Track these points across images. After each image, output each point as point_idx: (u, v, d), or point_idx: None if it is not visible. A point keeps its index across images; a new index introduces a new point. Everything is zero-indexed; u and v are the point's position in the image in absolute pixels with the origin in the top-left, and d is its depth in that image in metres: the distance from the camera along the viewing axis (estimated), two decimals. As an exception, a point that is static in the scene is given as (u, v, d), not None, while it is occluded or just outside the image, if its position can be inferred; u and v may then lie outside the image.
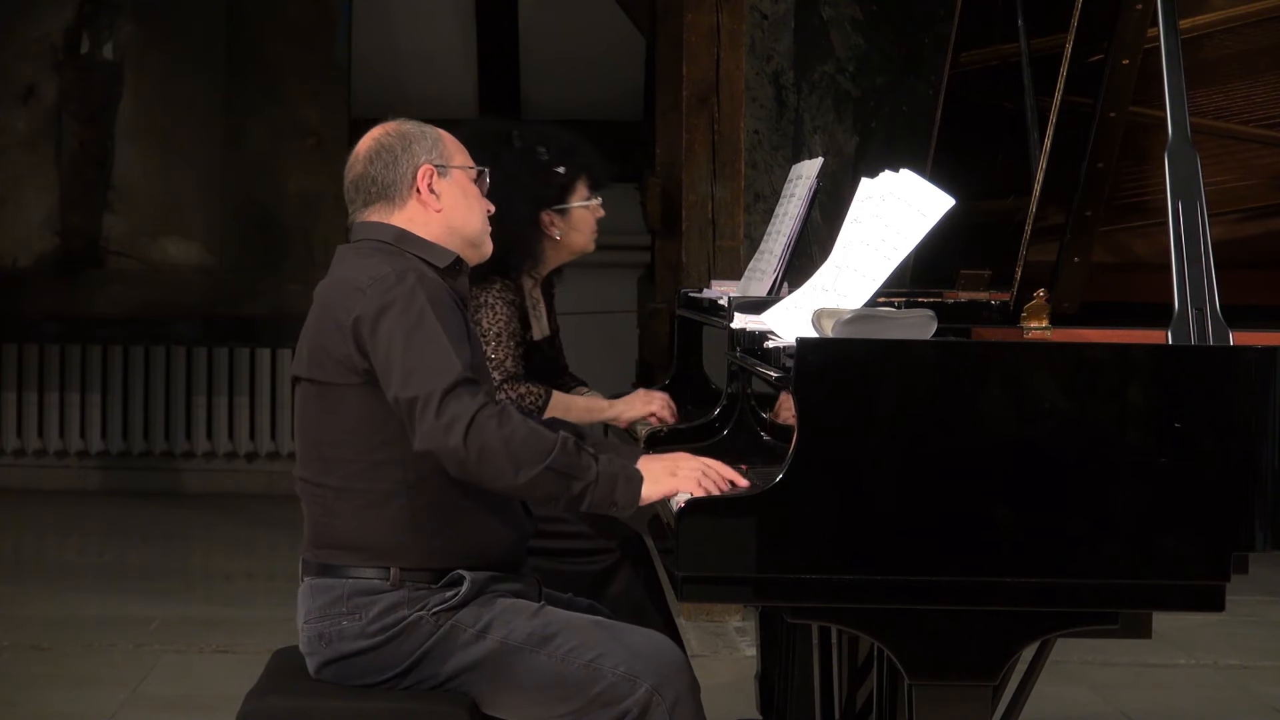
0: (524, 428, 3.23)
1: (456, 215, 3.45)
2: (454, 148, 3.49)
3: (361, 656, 3.34)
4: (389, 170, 3.42)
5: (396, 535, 3.33)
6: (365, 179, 3.44)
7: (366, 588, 3.33)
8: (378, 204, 3.44)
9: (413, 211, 3.43)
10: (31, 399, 10.00)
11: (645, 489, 3.26)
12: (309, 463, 3.40)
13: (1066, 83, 3.51)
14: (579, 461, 3.24)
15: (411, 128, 3.47)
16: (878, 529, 3.02)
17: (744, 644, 6.47)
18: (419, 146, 3.43)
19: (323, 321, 3.37)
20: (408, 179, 3.42)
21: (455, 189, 3.45)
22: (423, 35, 10.69)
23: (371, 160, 3.44)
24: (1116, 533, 3.04)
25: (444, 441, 3.21)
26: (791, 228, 4.05)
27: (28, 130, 10.11)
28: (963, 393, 3.05)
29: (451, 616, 3.32)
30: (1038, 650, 3.56)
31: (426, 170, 3.42)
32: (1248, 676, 6.21)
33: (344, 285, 3.36)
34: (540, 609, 3.37)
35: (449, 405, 3.20)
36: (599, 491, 3.24)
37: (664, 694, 3.27)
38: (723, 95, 6.94)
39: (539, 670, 3.30)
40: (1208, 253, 3.19)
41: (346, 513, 3.35)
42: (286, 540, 8.21)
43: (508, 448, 3.20)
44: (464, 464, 3.22)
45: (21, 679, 5.87)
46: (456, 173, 3.46)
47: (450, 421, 3.20)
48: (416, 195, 3.43)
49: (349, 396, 3.33)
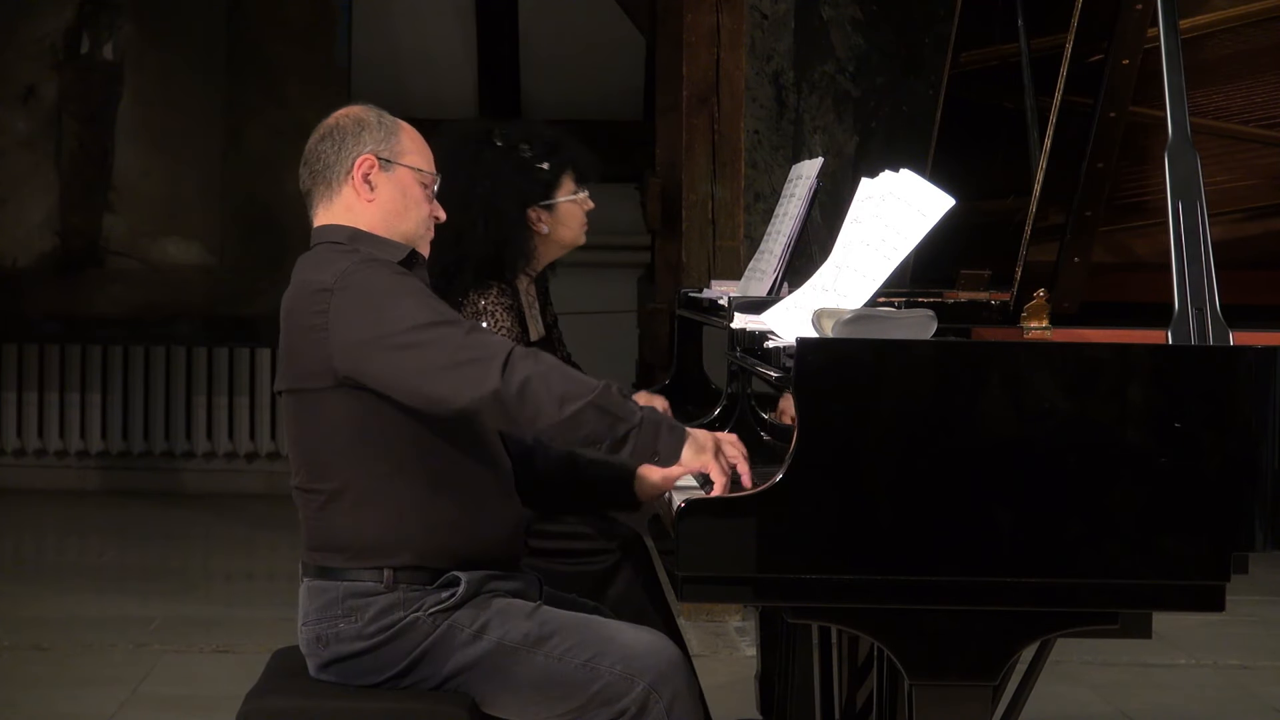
0: (560, 366, 3.22)
1: (391, 210, 3.42)
2: (412, 146, 3.46)
3: (360, 658, 3.34)
4: (334, 151, 3.43)
5: (388, 536, 3.32)
6: (313, 155, 3.45)
7: (362, 590, 3.33)
8: (318, 189, 3.45)
9: (348, 199, 3.43)
10: (31, 399, 10.00)
11: (686, 450, 3.24)
12: (299, 470, 3.41)
13: (1066, 83, 3.50)
14: (624, 404, 3.21)
15: (371, 116, 3.46)
16: (878, 529, 3.02)
17: (744, 644, 6.47)
18: (369, 135, 3.43)
19: (290, 329, 3.39)
20: (346, 165, 3.42)
21: (394, 185, 3.43)
22: (423, 35, 10.69)
23: (323, 138, 3.45)
24: (1116, 533, 3.04)
25: (482, 383, 3.17)
26: (791, 228, 4.05)
27: (28, 130, 10.11)
28: (963, 393, 3.05)
29: (448, 617, 3.32)
30: (1038, 650, 3.56)
31: (366, 159, 3.41)
32: (1248, 676, 6.21)
33: (304, 288, 3.37)
34: (537, 609, 3.37)
35: (474, 348, 3.19)
36: (643, 436, 3.21)
37: (661, 692, 3.27)
38: (723, 95, 6.94)
39: (536, 670, 3.30)
40: (1208, 253, 3.19)
41: (339, 516, 3.35)
42: (286, 540, 8.21)
43: (548, 381, 3.17)
44: (505, 404, 3.17)
45: (21, 679, 5.87)
46: (403, 170, 3.43)
47: (483, 362, 3.17)
48: (350, 182, 3.42)
49: (327, 401, 3.32)
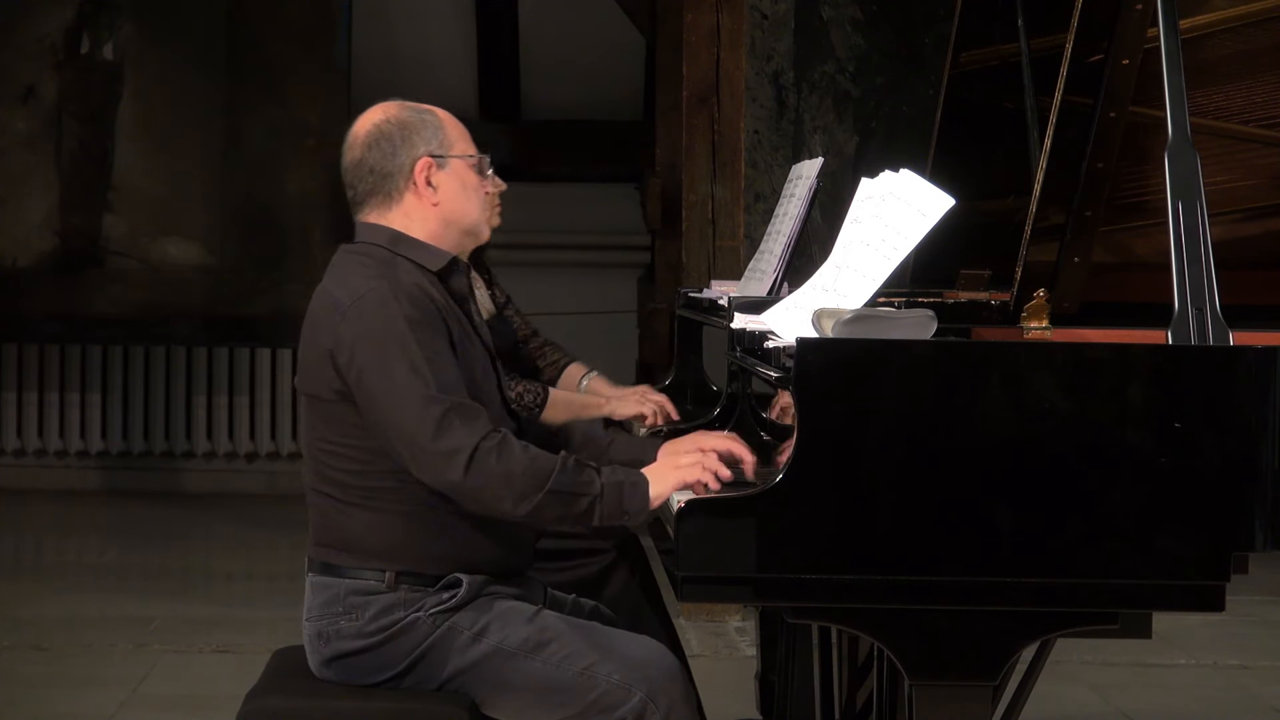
0: (523, 458, 3.20)
1: (454, 208, 3.41)
2: (455, 134, 3.44)
3: (360, 655, 3.34)
4: (387, 161, 3.38)
5: (393, 539, 3.33)
6: (362, 167, 3.40)
7: (363, 588, 3.33)
8: (375, 198, 3.40)
9: (409, 205, 3.39)
10: (31, 399, 10.00)
11: (653, 490, 3.23)
12: (311, 468, 3.41)
13: (1066, 83, 3.50)
14: (580, 478, 3.21)
15: (411, 115, 3.42)
16: (878, 529, 3.02)
17: (744, 644, 6.47)
18: (418, 137, 3.39)
19: (309, 338, 3.37)
20: (405, 171, 3.38)
21: (453, 180, 3.41)
22: (423, 35, 10.69)
23: (369, 147, 3.39)
24: (1116, 533, 3.04)
25: (444, 474, 3.20)
26: (791, 228, 4.05)
27: (28, 130, 10.11)
28: (963, 393, 3.05)
29: (449, 618, 3.32)
30: (1038, 650, 3.56)
31: (425, 163, 3.38)
32: (1248, 676, 6.21)
33: (328, 301, 3.34)
34: (538, 613, 3.36)
35: (445, 438, 3.19)
36: (606, 504, 3.21)
37: (658, 702, 3.27)
38: (723, 95, 6.94)
39: (533, 676, 3.30)
40: (1208, 253, 3.19)
41: (345, 516, 3.35)
42: (286, 540, 8.21)
43: (509, 481, 3.18)
44: (464, 495, 3.22)
45: (21, 679, 5.87)
46: (455, 162, 3.41)
47: (450, 453, 3.18)
48: (413, 188, 3.38)
49: (338, 410, 3.32)
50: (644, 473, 3.25)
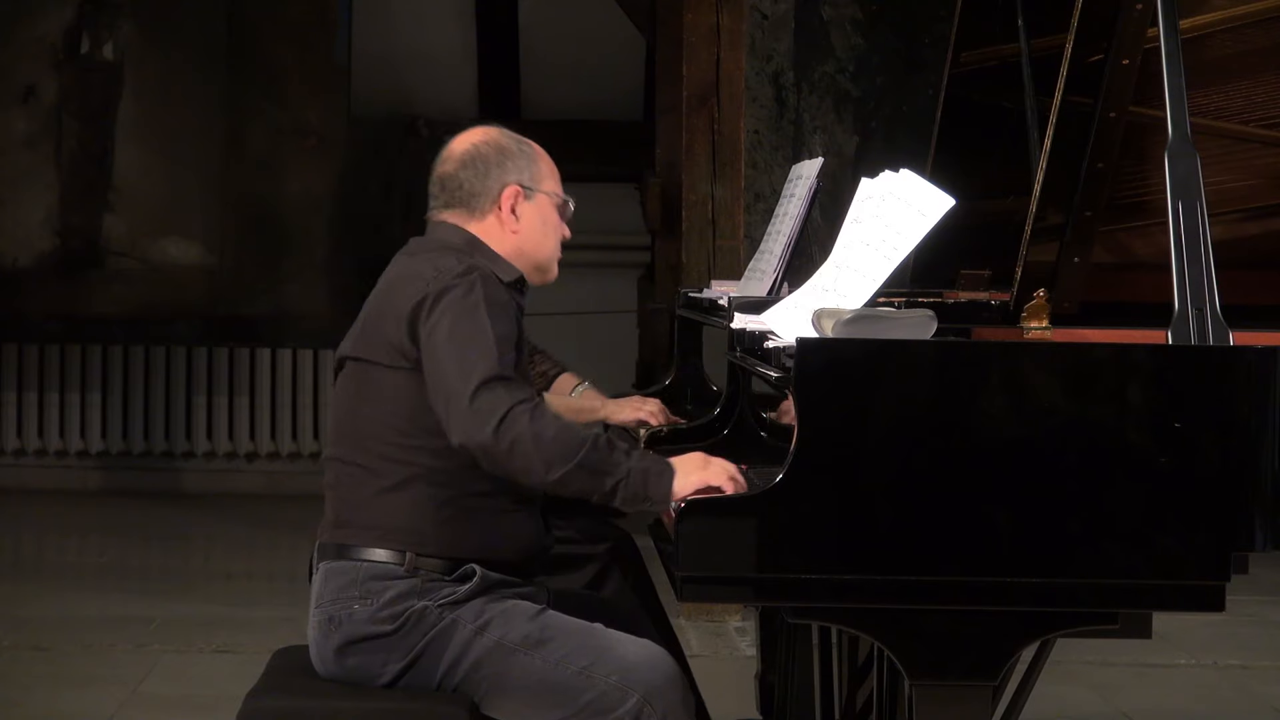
0: (556, 425, 3.26)
1: (531, 240, 3.53)
2: (547, 171, 3.56)
3: (371, 642, 3.35)
4: (478, 180, 3.49)
5: (416, 520, 3.37)
6: (453, 181, 3.51)
7: (380, 572, 3.36)
8: (458, 209, 3.51)
9: (490, 226, 3.50)
10: (31, 399, 10.00)
11: (677, 482, 3.25)
12: (342, 440, 3.45)
13: (1066, 83, 3.50)
14: (610, 458, 3.26)
15: (510, 142, 3.53)
16: (878, 529, 3.02)
17: (744, 644, 6.47)
18: (513, 164, 3.51)
19: (383, 305, 3.43)
20: (493, 194, 3.49)
21: (536, 214, 3.53)
22: (423, 35, 10.69)
23: (464, 164, 3.51)
24: (1116, 533, 3.04)
25: (476, 433, 3.24)
26: (791, 228, 4.05)
27: (28, 130, 10.11)
28: (963, 393, 3.05)
29: (454, 610, 3.34)
30: (1038, 650, 3.56)
31: (513, 191, 3.50)
32: (1248, 676, 6.21)
33: (410, 274, 3.42)
34: (541, 612, 3.39)
35: (482, 397, 3.24)
36: (630, 487, 3.25)
37: (655, 706, 3.29)
38: (723, 95, 6.95)
39: (531, 674, 3.32)
40: (1208, 253, 3.19)
41: (371, 492, 3.39)
42: (286, 540, 8.22)
43: (538, 444, 3.23)
44: (495, 457, 3.25)
45: (21, 679, 5.87)
46: (542, 197, 3.53)
47: (484, 413, 3.24)
48: (497, 212, 3.50)
49: (391, 380, 3.38)
50: (671, 462, 3.28)
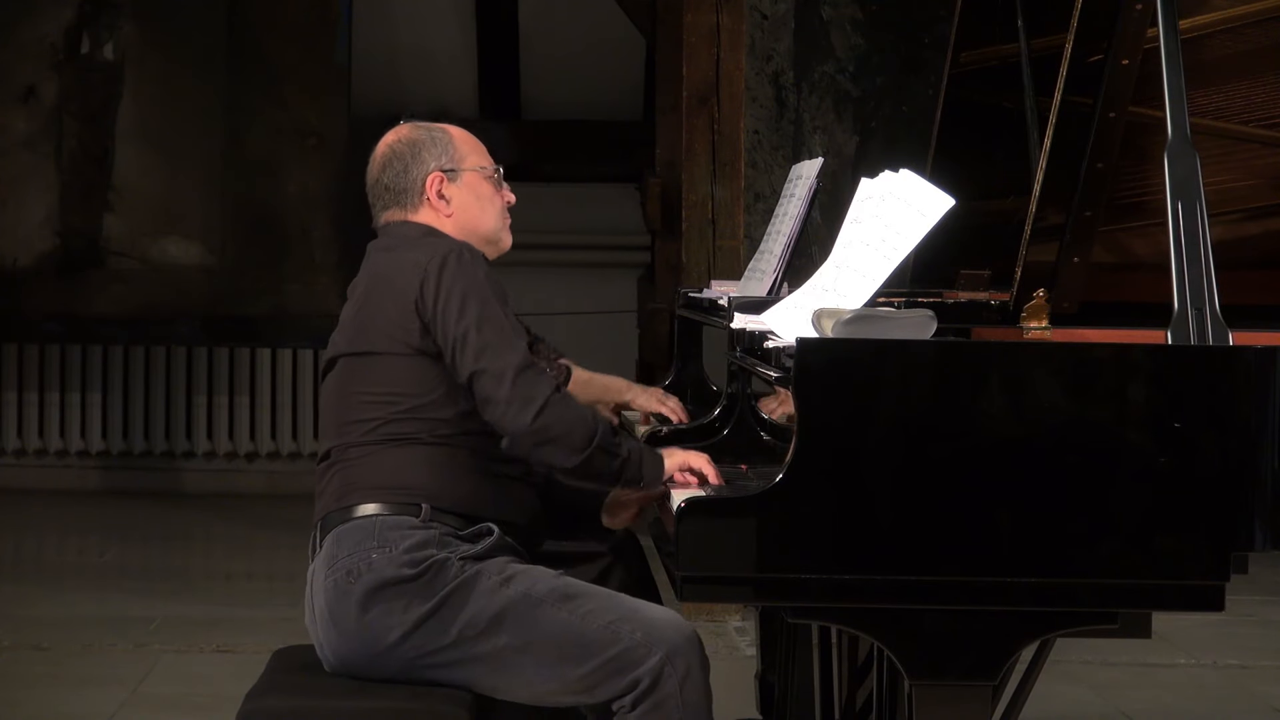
0: (579, 412, 3.40)
1: (469, 218, 3.60)
2: (468, 149, 3.63)
3: (392, 587, 3.36)
4: (401, 177, 3.59)
5: (428, 478, 3.43)
6: (379, 185, 3.62)
7: (397, 523, 3.40)
8: (394, 209, 3.61)
9: (427, 216, 3.59)
10: (31, 399, 10.00)
11: (668, 462, 3.44)
12: (334, 434, 3.50)
13: (1066, 83, 3.51)
14: (615, 439, 3.41)
15: (421, 134, 3.61)
16: (878, 529, 3.02)
17: (744, 644, 6.47)
18: (428, 154, 3.59)
19: (379, 296, 3.48)
20: (418, 186, 3.58)
21: (466, 192, 3.60)
22: (423, 35, 10.69)
23: (385, 167, 3.61)
24: (1116, 533, 3.04)
25: (515, 419, 3.34)
26: (791, 228, 4.05)
27: (28, 130, 10.10)
28: (962, 393, 3.05)
29: (477, 564, 3.39)
30: (1038, 650, 3.56)
31: (435, 178, 3.58)
32: (1248, 676, 6.21)
33: (400, 264, 3.48)
34: (561, 574, 3.46)
35: (522, 384, 3.35)
36: (631, 467, 3.41)
37: (676, 665, 3.34)
38: (723, 95, 6.95)
39: (559, 625, 3.35)
40: (1208, 253, 3.19)
41: (377, 459, 3.44)
42: (286, 540, 8.21)
43: (570, 432, 3.35)
44: (525, 443, 3.36)
45: (21, 679, 5.87)
46: (468, 174, 3.61)
47: (524, 400, 3.34)
48: (428, 202, 3.59)
49: (391, 364, 3.44)
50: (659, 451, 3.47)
